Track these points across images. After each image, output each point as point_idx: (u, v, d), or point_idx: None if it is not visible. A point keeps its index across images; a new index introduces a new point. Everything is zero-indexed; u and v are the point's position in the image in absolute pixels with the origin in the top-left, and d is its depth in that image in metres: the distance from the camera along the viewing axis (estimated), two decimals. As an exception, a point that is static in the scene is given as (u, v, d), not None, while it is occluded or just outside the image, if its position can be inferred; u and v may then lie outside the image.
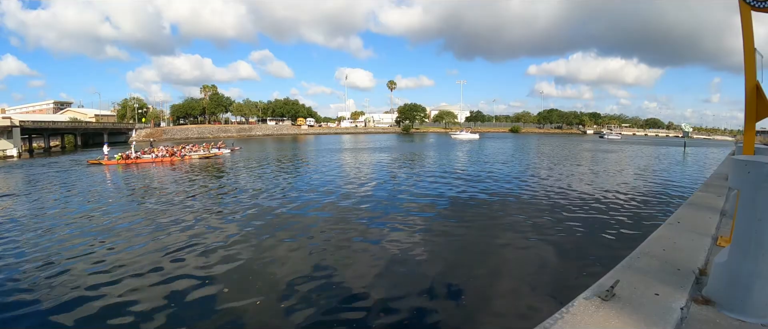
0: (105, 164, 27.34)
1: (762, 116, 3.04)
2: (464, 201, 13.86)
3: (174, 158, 30.13)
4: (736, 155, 2.79)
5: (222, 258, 8.04)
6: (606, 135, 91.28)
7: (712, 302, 2.27)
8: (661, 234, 3.74)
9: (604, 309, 2.18)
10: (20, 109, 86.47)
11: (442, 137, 73.71)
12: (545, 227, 10.32)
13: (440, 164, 26.93)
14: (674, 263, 2.94)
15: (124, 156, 28.55)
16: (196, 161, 30.32)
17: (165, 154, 30.48)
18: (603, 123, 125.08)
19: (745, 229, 2.15)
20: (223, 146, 37.03)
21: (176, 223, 10.82)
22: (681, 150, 47.33)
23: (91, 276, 7.18)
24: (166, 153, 30.69)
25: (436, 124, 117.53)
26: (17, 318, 5.74)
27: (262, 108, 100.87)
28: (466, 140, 63.36)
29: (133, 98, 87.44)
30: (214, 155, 33.65)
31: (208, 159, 31.53)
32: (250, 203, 13.39)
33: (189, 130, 79.87)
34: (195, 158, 31.77)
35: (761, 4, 2.88)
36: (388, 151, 40.10)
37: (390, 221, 10.94)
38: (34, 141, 49.22)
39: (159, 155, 30.09)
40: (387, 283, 6.83)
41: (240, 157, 33.36)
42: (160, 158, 29.54)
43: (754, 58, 2.98)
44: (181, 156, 31.06)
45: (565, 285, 6.64)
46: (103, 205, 13.61)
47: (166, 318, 5.63)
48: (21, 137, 42.11)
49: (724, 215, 4.71)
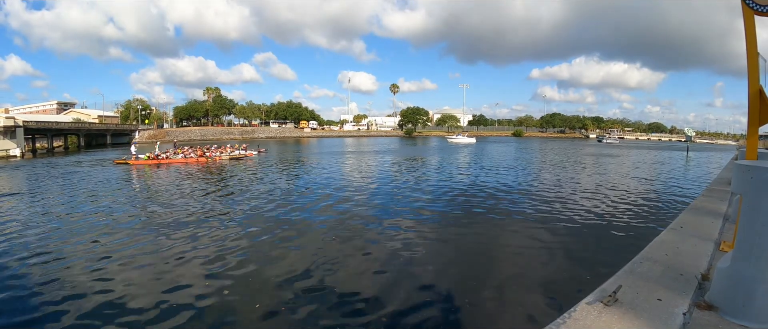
0: (132, 163, 27.75)
1: (765, 120, 3.03)
2: (463, 203, 13.83)
3: (204, 159, 30.53)
4: (739, 160, 2.78)
5: (255, 257, 8.05)
6: (605, 139, 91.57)
7: (714, 307, 2.26)
8: (663, 239, 3.73)
9: (606, 314, 2.17)
10: (24, 109, 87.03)
11: (442, 141, 73.66)
12: (546, 232, 10.28)
13: (438, 168, 26.90)
14: (677, 268, 2.93)
15: (153, 156, 28.95)
16: (226, 161, 30.74)
17: (194, 154, 30.97)
18: (606, 127, 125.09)
19: (747, 234, 2.14)
20: (245, 148, 37.25)
21: (211, 221, 10.85)
22: (684, 155, 47.17)
23: (116, 273, 7.20)
24: (196, 154, 31.21)
25: (439, 128, 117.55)
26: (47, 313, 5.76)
27: (265, 111, 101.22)
28: (463, 143, 63.30)
29: (137, 99, 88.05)
30: (245, 157, 33.99)
31: (239, 161, 31.80)
32: (301, 204, 13.41)
33: (192, 132, 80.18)
34: (225, 158, 32.18)
35: (765, 9, 2.88)
36: (391, 154, 40.20)
37: (390, 224, 10.92)
38: (37, 141, 49.53)
39: (188, 155, 30.59)
40: (387, 285, 6.81)
41: (265, 159, 33.74)
42: (190, 159, 30.05)
43: (757, 62, 2.98)
44: (211, 157, 31.45)
45: (567, 290, 6.61)
46: (145, 205, 13.75)
47: (181, 319, 5.64)
48: (24, 137, 42.35)
49: (727, 220, 4.69)
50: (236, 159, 32.42)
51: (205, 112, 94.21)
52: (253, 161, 31.45)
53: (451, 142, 66.69)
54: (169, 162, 28.58)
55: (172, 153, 30.64)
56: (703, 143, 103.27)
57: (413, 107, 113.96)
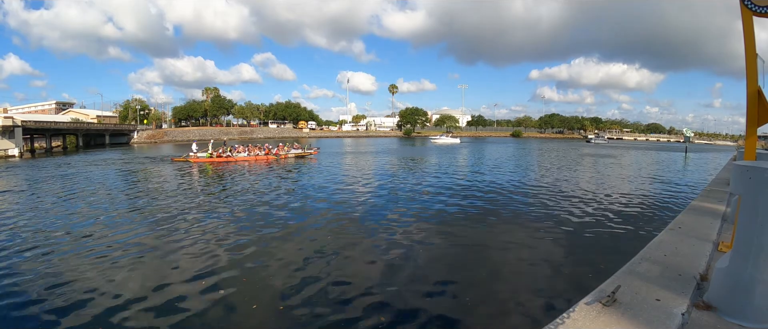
0: (192, 161, 28.65)
1: (763, 121, 3.04)
2: (462, 205, 13.83)
3: (270, 157, 31.44)
4: (738, 161, 2.78)
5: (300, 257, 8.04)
6: (593, 140, 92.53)
7: (713, 307, 2.26)
8: (662, 240, 3.74)
9: (605, 315, 2.18)
10: (22, 109, 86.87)
11: (425, 141, 74.57)
12: (544, 232, 10.28)
13: (436, 169, 26.91)
14: (675, 268, 2.94)
15: (217, 154, 29.72)
16: (292, 160, 31.60)
17: (260, 152, 31.87)
18: (604, 128, 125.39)
19: (746, 234, 2.14)
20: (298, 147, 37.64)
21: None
22: (682, 155, 47.27)
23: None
24: (262, 152, 32.14)
25: (438, 128, 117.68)
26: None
27: (264, 111, 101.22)
28: (446, 144, 63.42)
29: (135, 99, 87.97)
30: (309, 155, 34.53)
31: (303, 158, 32.75)
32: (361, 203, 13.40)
33: (190, 132, 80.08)
34: (291, 157, 32.96)
35: (763, 10, 2.89)
36: (388, 154, 40.23)
37: (388, 224, 10.92)
38: (36, 141, 49.42)
39: (253, 153, 31.38)
40: (386, 285, 6.80)
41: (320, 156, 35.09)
42: (258, 157, 30.96)
43: (755, 63, 2.99)
44: (277, 155, 32.20)
45: (565, 291, 6.61)
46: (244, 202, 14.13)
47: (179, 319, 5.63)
48: (23, 136, 42.24)
49: (726, 221, 4.70)
50: (301, 157, 33.28)
51: (204, 112, 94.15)
52: (316, 159, 32.52)
53: (434, 142, 66.85)
54: (235, 161, 29.44)
55: (237, 151, 31.34)
56: (702, 143, 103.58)
57: (412, 107, 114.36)
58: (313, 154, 35.11)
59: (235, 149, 31.71)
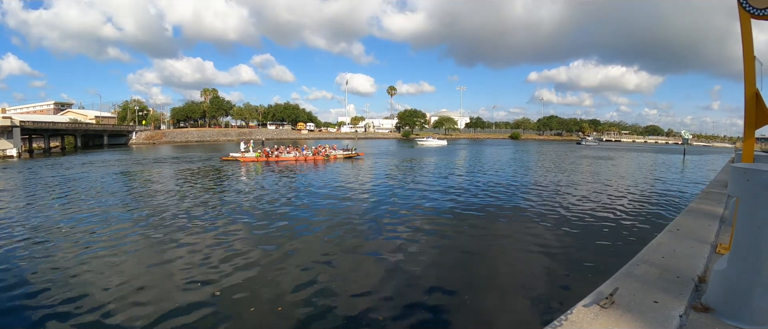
0: (242, 160, 29.47)
1: (761, 123, 3.04)
2: (460, 205, 13.83)
3: (319, 157, 31.88)
4: (736, 163, 2.79)
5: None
6: (583, 141, 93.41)
7: (711, 309, 2.25)
8: (660, 242, 3.73)
9: (603, 317, 2.17)
10: (21, 109, 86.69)
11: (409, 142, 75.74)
12: (543, 234, 10.28)
13: (435, 169, 26.92)
14: (673, 270, 2.93)
15: (265, 153, 30.48)
16: (341, 160, 32.20)
17: (309, 152, 32.36)
18: (602, 130, 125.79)
19: (744, 237, 2.14)
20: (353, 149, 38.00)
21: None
22: (680, 157, 47.35)
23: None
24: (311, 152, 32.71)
25: (436, 130, 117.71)
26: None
27: (263, 112, 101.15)
28: (433, 147, 63.59)
29: (134, 100, 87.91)
30: (357, 155, 34.82)
31: (352, 159, 32.95)
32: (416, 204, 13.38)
33: (189, 133, 80.00)
34: (340, 157, 33.41)
35: (761, 12, 2.89)
36: (388, 155, 40.24)
37: (387, 224, 10.91)
38: (34, 141, 49.31)
39: (301, 153, 31.83)
40: (385, 285, 6.79)
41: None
42: (308, 157, 31.47)
43: (753, 65, 2.98)
44: (326, 155, 32.56)
45: (563, 293, 6.61)
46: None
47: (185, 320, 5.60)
48: (21, 137, 42.14)
49: (724, 223, 4.70)
50: (350, 158, 33.63)
51: (203, 113, 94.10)
52: (363, 160, 32.99)
53: (421, 145, 67.58)
54: (282, 160, 30.06)
55: (285, 151, 31.85)
56: (700, 145, 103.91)
57: (411, 109, 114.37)
58: (361, 155, 35.66)
59: (278, 149, 32.21)
